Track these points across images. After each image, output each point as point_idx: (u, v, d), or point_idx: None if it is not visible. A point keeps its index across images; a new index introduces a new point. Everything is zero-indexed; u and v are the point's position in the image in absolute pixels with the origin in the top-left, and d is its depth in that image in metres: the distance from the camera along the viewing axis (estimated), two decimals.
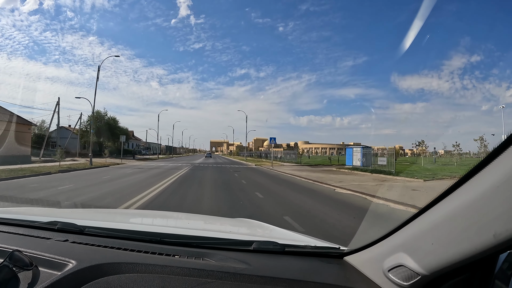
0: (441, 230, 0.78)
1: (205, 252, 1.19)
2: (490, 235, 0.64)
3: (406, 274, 0.89)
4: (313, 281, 1.02)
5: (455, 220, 0.74)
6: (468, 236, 0.70)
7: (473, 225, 0.69)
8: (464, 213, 0.72)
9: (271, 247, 1.26)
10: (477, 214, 0.69)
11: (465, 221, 0.72)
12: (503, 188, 0.62)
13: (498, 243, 0.63)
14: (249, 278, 1.00)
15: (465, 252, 0.71)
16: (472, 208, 0.70)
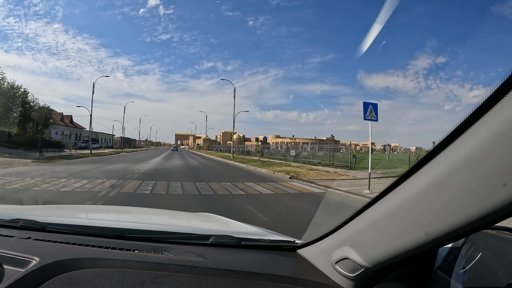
0: (380, 227, 0.81)
1: (165, 246, 1.18)
2: (422, 233, 0.67)
3: (351, 266, 0.91)
4: (267, 273, 1.03)
5: (392, 218, 0.77)
6: (403, 233, 0.73)
7: (407, 223, 0.72)
8: (400, 212, 0.74)
9: (227, 240, 1.25)
10: (411, 213, 0.71)
11: (400, 219, 0.74)
12: (433, 191, 0.64)
13: (429, 240, 0.66)
14: (204, 270, 1.00)
15: (400, 247, 0.74)
16: (407, 207, 0.72)
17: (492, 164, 0.52)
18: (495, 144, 0.51)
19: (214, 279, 0.97)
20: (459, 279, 0.90)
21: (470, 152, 0.56)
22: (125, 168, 17.51)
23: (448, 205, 0.61)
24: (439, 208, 0.63)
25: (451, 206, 0.60)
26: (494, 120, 0.52)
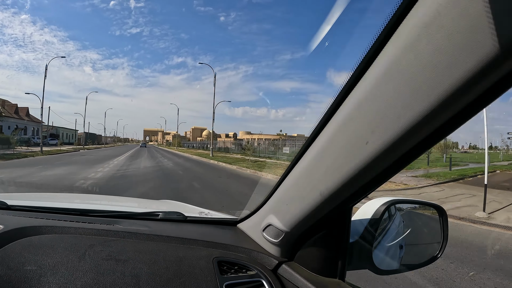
0: (290, 193, 0.92)
1: (117, 220, 1.25)
2: (318, 194, 0.79)
3: (275, 232, 0.99)
4: (205, 240, 1.10)
5: (296, 184, 0.89)
6: (305, 195, 0.84)
7: (307, 186, 0.84)
8: (301, 178, 0.86)
9: (174, 216, 1.33)
10: (308, 177, 0.83)
11: (302, 184, 0.86)
12: (320, 156, 0.77)
13: (324, 199, 0.78)
14: (148, 237, 1.07)
15: (306, 208, 0.85)
16: (305, 173, 0.84)
17: (356, 129, 0.65)
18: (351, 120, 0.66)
19: (156, 243, 1.04)
20: (381, 248, 1.06)
21: (340, 122, 0.70)
22: (71, 174, 12.07)
23: (331, 165, 0.74)
24: (325, 169, 0.76)
25: (333, 166, 0.73)
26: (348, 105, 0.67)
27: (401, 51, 0.52)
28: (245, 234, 1.21)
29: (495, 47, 0.42)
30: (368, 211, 1.02)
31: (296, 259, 1.00)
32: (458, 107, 0.51)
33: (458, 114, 0.52)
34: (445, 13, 0.45)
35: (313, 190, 0.81)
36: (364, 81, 0.61)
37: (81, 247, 0.93)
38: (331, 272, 0.94)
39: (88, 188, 8.76)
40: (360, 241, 0.98)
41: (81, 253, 0.89)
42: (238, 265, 0.99)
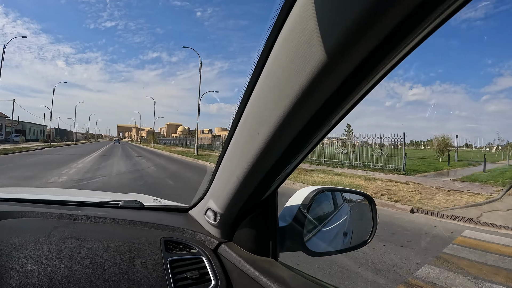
0: (220, 179, 1.01)
1: (82, 208, 1.32)
2: (235, 178, 0.89)
3: (213, 215, 1.08)
4: (162, 224, 1.18)
5: (223, 171, 0.97)
6: (229, 180, 0.93)
7: (229, 173, 0.93)
8: (226, 166, 0.95)
9: (133, 204, 1.42)
10: (228, 164, 0.93)
11: (226, 171, 0.95)
12: (234, 147, 0.88)
13: (241, 182, 0.88)
14: (106, 219, 1.15)
15: (231, 192, 0.94)
16: (227, 162, 0.94)
17: (251, 123, 0.77)
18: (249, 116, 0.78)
19: (112, 225, 1.12)
20: (314, 232, 1.14)
21: (244, 118, 0.80)
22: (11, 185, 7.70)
23: (240, 153, 0.84)
24: (238, 156, 0.86)
25: (242, 153, 0.84)
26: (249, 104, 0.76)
27: (273, 62, 0.64)
28: (193, 218, 1.29)
29: (324, 56, 0.53)
30: (299, 197, 1.10)
31: (234, 239, 1.08)
32: (312, 104, 0.62)
33: (319, 112, 0.64)
34: (295, 29, 0.55)
35: (233, 175, 0.91)
36: (257, 85, 0.72)
37: (46, 228, 0.99)
38: (265, 252, 1.01)
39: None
40: (293, 224, 1.05)
41: (47, 233, 0.96)
42: (182, 244, 1.08)
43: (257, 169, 0.83)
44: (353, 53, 0.51)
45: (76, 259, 0.87)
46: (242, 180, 0.88)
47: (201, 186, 1.22)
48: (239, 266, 0.97)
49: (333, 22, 0.49)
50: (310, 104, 0.62)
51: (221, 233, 1.10)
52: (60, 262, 0.85)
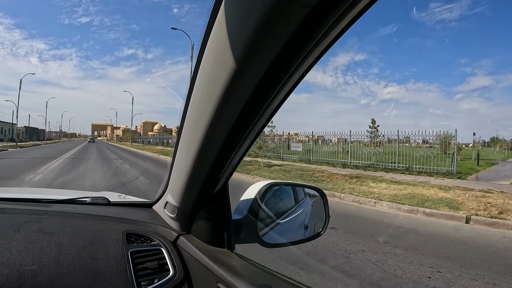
0: (174, 174, 1.05)
1: (51, 205, 1.35)
2: (184, 172, 0.93)
3: (171, 208, 1.12)
4: (126, 218, 1.22)
5: (175, 166, 1.02)
6: (180, 174, 0.97)
7: (178, 166, 0.99)
8: (177, 162, 0.99)
9: (100, 200, 1.44)
10: (179, 160, 0.97)
11: (177, 166, 1.00)
12: (180, 146, 0.93)
13: (189, 176, 0.92)
14: (73, 215, 1.19)
15: (183, 185, 0.98)
16: (178, 157, 0.98)
17: (191, 122, 0.82)
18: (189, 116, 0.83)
19: (78, 220, 1.16)
20: (270, 224, 1.17)
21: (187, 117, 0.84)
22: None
23: (185, 149, 0.89)
24: (184, 152, 0.90)
25: (186, 149, 0.88)
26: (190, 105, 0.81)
27: (203, 65, 0.70)
28: (156, 213, 1.31)
29: (235, 61, 0.59)
30: (253, 191, 1.11)
31: (192, 232, 1.10)
32: (236, 103, 0.68)
33: (245, 109, 0.68)
34: (214, 39, 0.62)
35: (182, 170, 0.95)
36: (194, 87, 0.77)
37: (17, 223, 1.03)
38: (221, 243, 1.03)
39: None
40: (248, 217, 1.07)
41: (17, 227, 0.99)
42: (143, 237, 1.11)
43: (201, 163, 0.88)
44: (260, 57, 0.57)
45: (44, 252, 0.91)
46: (190, 174, 0.93)
47: (163, 182, 1.21)
48: (196, 256, 1.00)
49: (239, 31, 0.55)
50: (234, 103, 0.68)
51: (180, 226, 1.13)
52: (28, 255, 0.89)
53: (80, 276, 0.87)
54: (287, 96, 0.71)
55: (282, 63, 0.59)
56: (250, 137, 0.83)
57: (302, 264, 4.03)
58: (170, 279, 0.98)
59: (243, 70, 0.60)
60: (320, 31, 0.53)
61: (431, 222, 6.79)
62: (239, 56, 0.58)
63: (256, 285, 0.83)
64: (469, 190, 9.61)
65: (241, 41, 0.56)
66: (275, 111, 0.76)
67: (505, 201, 7.93)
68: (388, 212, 7.70)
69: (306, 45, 0.56)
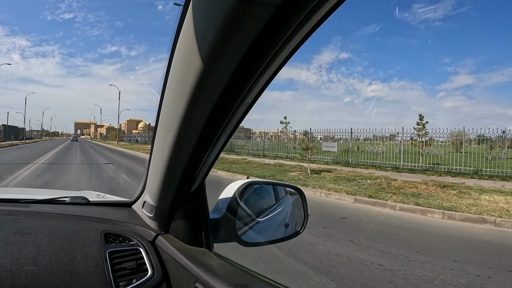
0: (151, 173, 1.02)
1: (31, 205, 1.33)
2: (159, 171, 0.93)
3: (149, 207, 1.10)
4: (101, 217, 1.20)
5: (151, 166, 1.00)
6: (156, 173, 0.96)
7: (155, 166, 0.96)
8: (153, 161, 0.98)
9: (79, 200, 1.41)
10: (155, 159, 0.95)
11: (153, 165, 0.98)
12: (155, 146, 0.93)
13: (164, 175, 0.92)
14: (51, 215, 1.18)
15: (159, 184, 0.96)
16: (153, 157, 0.97)
17: (164, 121, 0.82)
18: (162, 116, 0.82)
19: (56, 220, 1.14)
20: (245, 220, 1.13)
21: (160, 118, 0.84)
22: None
23: (159, 148, 0.89)
24: (159, 151, 0.90)
25: (161, 148, 0.87)
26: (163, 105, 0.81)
27: (173, 66, 0.71)
28: (135, 212, 1.28)
29: (201, 61, 0.59)
30: (231, 190, 1.09)
31: (170, 231, 1.08)
32: (204, 103, 0.68)
33: (215, 108, 0.68)
34: (182, 40, 0.63)
35: (158, 169, 0.94)
36: (166, 87, 0.76)
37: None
38: (199, 243, 1.02)
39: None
40: (227, 216, 1.05)
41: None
42: (122, 237, 1.09)
43: (175, 162, 0.87)
44: (227, 57, 0.58)
45: (22, 253, 0.90)
46: (165, 173, 0.92)
47: (141, 181, 1.17)
48: (174, 256, 0.99)
49: (206, 31, 0.55)
50: (204, 102, 0.68)
51: (159, 225, 1.11)
52: (6, 256, 0.87)
53: (58, 277, 0.86)
54: (261, 92, 0.71)
55: (250, 62, 0.59)
56: (224, 135, 0.82)
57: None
58: (148, 279, 0.96)
59: (211, 70, 0.60)
60: (286, 30, 0.53)
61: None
62: (205, 55, 0.58)
63: (233, 284, 0.82)
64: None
65: (207, 41, 0.56)
66: (250, 106, 0.75)
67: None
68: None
69: (274, 44, 0.56)
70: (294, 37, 0.56)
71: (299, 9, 0.50)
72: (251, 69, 0.61)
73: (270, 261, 3.90)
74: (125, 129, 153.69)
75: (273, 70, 0.65)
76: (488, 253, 4.77)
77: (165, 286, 0.98)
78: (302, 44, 0.59)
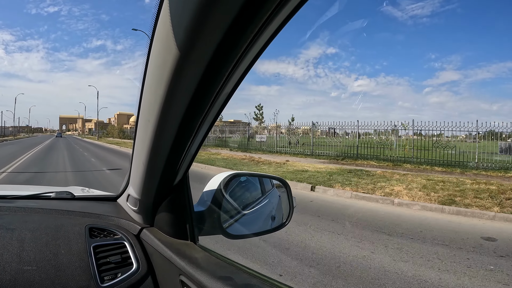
0: (134, 166, 1.01)
1: (15, 201, 1.31)
2: (141, 163, 0.92)
3: (133, 201, 1.09)
4: (86, 212, 1.18)
5: (134, 159, 0.99)
6: (138, 166, 0.95)
7: (137, 159, 0.95)
8: (136, 154, 0.96)
9: (64, 195, 1.40)
10: (137, 152, 0.94)
11: (136, 158, 0.97)
12: (137, 139, 0.91)
13: (146, 167, 0.90)
14: (34, 210, 1.15)
15: (142, 176, 0.95)
16: (135, 150, 0.95)
17: (144, 112, 0.81)
18: (142, 108, 0.81)
19: (40, 215, 1.12)
20: (230, 212, 1.11)
21: (141, 110, 0.83)
22: None
23: (140, 140, 0.87)
24: (140, 144, 0.88)
25: (141, 140, 0.86)
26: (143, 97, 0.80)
27: (151, 57, 0.70)
28: (120, 206, 1.27)
29: (176, 53, 0.59)
30: (216, 182, 1.06)
31: (155, 224, 1.06)
32: (181, 93, 0.67)
33: (193, 98, 0.67)
34: (160, 29, 0.62)
35: (140, 162, 0.92)
36: (146, 79, 0.75)
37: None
38: (183, 236, 1.00)
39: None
40: (211, 208, 1.03)
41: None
42: (106, 231, 1.07)
43: (156, 154, 0.85)
44: (203, 44, 0.56)
45: (6, 248, 0.88)
46: (147, 165, 0.90)
47: (126, 175, 1.15)
48: (159, 249, 0.97)
49: (180, 20, 0.55)
50: (182, 91, 0.67)
51: (143, 219, 1.10)
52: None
53: (42, 273, 0.85)
54: (240, 81, 0.70)
55: (227, 48, 0.58)
56: (205, 125, 0.81)
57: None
58: (134, 273, 0.95)
59: (188, 56, 0.59)
60: (262, 16, 0.52)
61: None
62: (182, 41, 0.57)
63: (217, 276, 0.81)
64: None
65: (183, 27, 0.55)
66: (230, 96, 0.74)
67: None
68: None
69: (249, 30, 0.55)
70: (272, 22, 0.54)
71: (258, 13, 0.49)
72: (229, 56, 0.60)
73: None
74: (115, 123, 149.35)
75: (252, 57, 0.63)
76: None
77: (150, 279, 0.97)
78: (280, 29, 0.57)
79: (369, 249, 4.48)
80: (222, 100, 0.74)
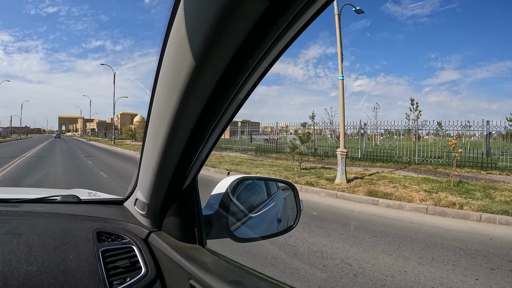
0: (143, 171, 1.01)
1: (21, 204, 1.30)
2: (150, 168, 0.92)
3: (141, 205, 1.09)
4: (93, 216, 1.18)
5: (143, 163, 0.99)
6: (147, 170, 0.95)
7: (147, 164, 0.95)
8: (145, 159, 0.97)
9: (70, 199, 1.39)
10: (146, 157, 0.94)
11: (145, 162, 0.97)
12: (147, 143, 0.91)
13: (156, 172, 0.90)
14: (41, 214, 1.15)
15: (151, 181, 0.95)
16: (145, 154, 0.95)
17: (155, 118, 0.80)
18: (153, 113, 0.81)
19: (47, 220, 1.11)
20: (238, 216, 1.11)
21: (151, 115, 0.83)
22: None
23: (151, 145, 0.88)
24: (150, 149, 0.88)
25: (152, 145, 0.87)
26: (154, 103, 0.80)
27: (164, 62, 0.69)
28: (127, 210, 1.27)
29: (193, 57, 0.58)
30: (223, 186, 1.06)
31: (163, 228, 1.07)
32: (196, 98, 0.66)
33: (207, 104, 0.66)
34: (173, 36, 0.62)
35: (149, 166, 0.92)
36: (157, 84, 0.74)
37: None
38: (192, 239, 1.00)
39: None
40: (219, 212, 1.02)
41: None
42: (114, 235, 1.07)
43: (166, 159, 0.85)
44: (220, 52, 0.56)
45: (14, 253, 0.87)
46: (156, 170, 0.90)
47: (133, 178, 1.15)
48: (167, 253, 0.97)
49: (198, 26, 0.54)
50: (196, 98, 0.66)
51: (151, 223, 1.10)
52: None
53: (51, 278, 0.84)
54: (254, 87, 0.69)
55: (243, 57, 0.57)
56: (217, 131, 0.80)
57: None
58: (142, 277, 0.95)
59: (203, 65, 0.58)
60: (280, 26, 0.51)
61: None
62: (197, 51, 0.56)
63: (227, 280, 0.80)
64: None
65: (199, 36, 0.54)
66: (243, 102, 0.72)
67: None
68: None
69: (267, 39, 0.54)
70: (288, 32, 0.54)
71: (293, 3, 0.48)
72: (245, 64, 0.59)
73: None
74: (119, 123, 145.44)
75: (267, 64, 0.62)
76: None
77: (159, 283, 0.97)
78: (296, 38, 0.56)
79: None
80: (235, 106, 0.72)
